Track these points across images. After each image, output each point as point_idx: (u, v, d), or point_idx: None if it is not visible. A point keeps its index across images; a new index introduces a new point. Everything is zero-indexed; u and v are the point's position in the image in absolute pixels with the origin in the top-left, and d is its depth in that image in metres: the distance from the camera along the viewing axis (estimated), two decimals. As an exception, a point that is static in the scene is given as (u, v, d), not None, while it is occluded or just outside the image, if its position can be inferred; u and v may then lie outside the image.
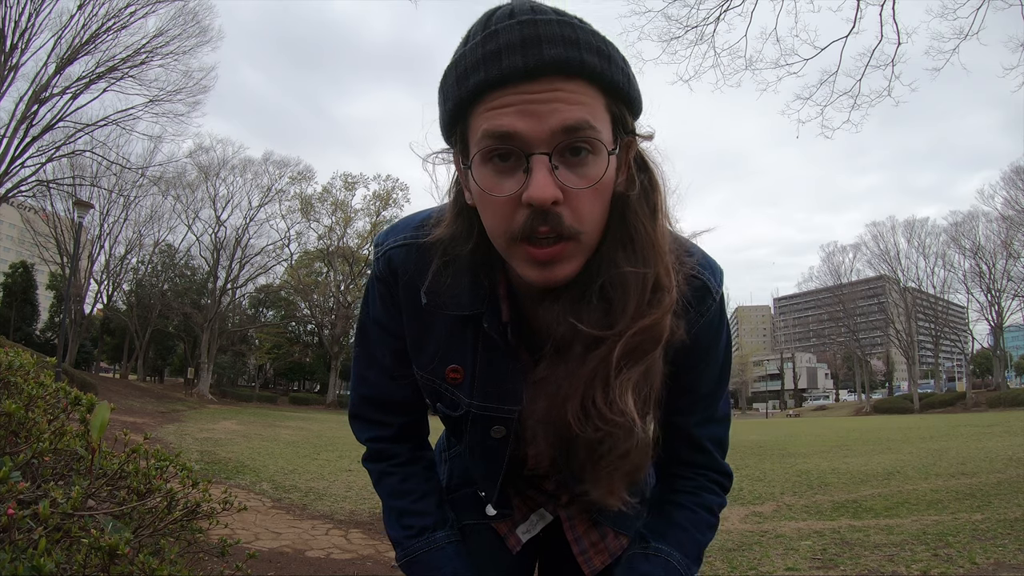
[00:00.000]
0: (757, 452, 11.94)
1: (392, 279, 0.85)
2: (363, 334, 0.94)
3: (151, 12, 21.33)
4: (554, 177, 0.62)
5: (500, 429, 0.87)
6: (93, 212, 28.04)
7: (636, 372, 0.69)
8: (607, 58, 0.64)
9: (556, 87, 0.62)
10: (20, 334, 35.22)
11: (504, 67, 0.61)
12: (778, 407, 67.78)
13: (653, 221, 0.71)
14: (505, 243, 0.68)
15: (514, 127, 0.61)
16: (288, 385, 48.82)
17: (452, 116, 0.67)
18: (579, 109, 0.62)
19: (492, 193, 0.65)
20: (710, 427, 0.89)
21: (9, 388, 1.54)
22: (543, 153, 0.62)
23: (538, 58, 0.61)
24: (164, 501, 1.32)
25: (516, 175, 0.64)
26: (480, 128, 0.64)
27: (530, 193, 0.62)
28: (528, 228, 0.64)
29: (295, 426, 17.42)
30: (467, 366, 0.84)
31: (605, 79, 0.64)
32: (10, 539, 0.87)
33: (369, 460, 0.98)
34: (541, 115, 0.61)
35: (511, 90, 0.62)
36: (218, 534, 1.72)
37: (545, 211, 0.63)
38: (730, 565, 3.90)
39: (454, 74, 0.66)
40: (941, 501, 5.82)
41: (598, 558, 0.99)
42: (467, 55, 0.64)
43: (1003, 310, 39.15)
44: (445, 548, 0.90)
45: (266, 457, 9.49)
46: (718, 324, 0.81)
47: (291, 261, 37.82)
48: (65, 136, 22.02)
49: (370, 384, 0.94)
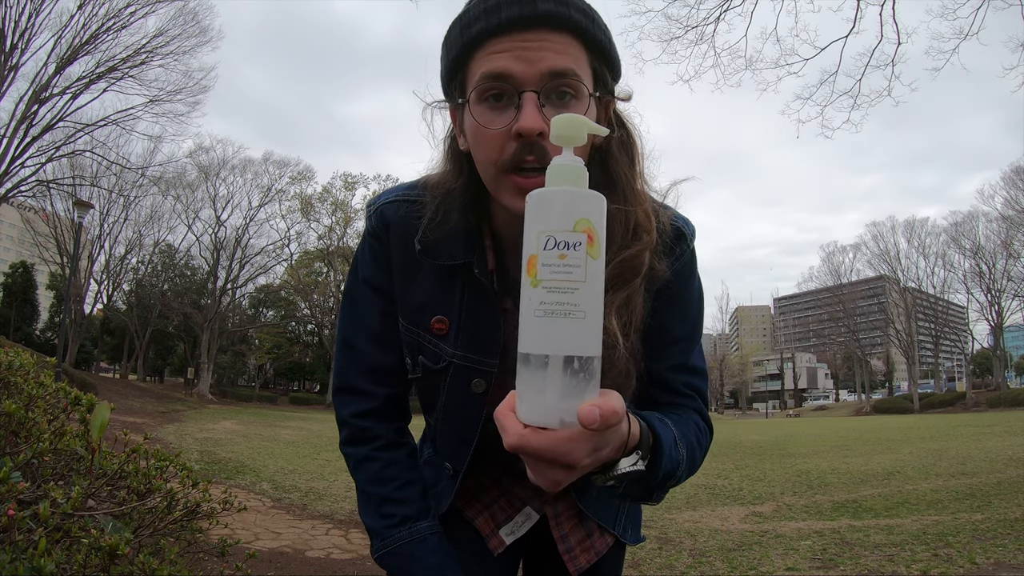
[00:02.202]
0: (757, 452, 11.94)
1: (384, 233, 0.89)
2: (351, 298, 0.95)
3: (151, 12, 21.34)
4: (541, 113, 0.70)
5: (480, 383, 0.87)
6: (93, 212, 28.03)
7: (618, 297, 0.73)
8: (591, 18, 0.73)
9: (546, 37, 0.70)
10: (20, 334, 35.24)
11: (503, 16, 0.70)
12: (778, 407, 67.75)
13: (632, 168, 0.80)
14: (494, 174, 0.75)
15: (508, 68, 0.70)
16: (288, 385, 48.80)
17: (455, 63, 0.75)
18: (566, 58, 0.71)
19: (486, 127, 0.72)
20: (686, 375, 0.89)
21: (9, 388, 1.54)
22: (532, 91, 0.70)
23: (532, 10, 0.69)
24: (164, 501, 1.32)
25: (508, 112, 0.72)
26: (479, 70, 0.72)
27: (520, 124, 0.69)
28: (516, 158, 0.71)
29: (295, 426, 17.42)
30: (452, 317, 0.87)
31: (588, 35, 0.73)
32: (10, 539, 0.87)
33: (349, 443, 0.94)
34: (532, 60, 0.70)
35: (507, 38, 0.70)
36: (218, 534, 1.72)
37: (532, 142, 0.70)
38: (730, 565, 3.90)
39: (459, 26, 0.74)
40: (941, 501, 5.82)
41: (584, 556, 0.99)
42: (471, 10, 0.73)
43: (1003, 310, 39.17)
44: (428, 539, 0.87)
45: (266, 457, 9.49)
46: (690, 269, 0.87)
47: (291, 261, 37.83)
48: (65, 136, 22.04)
49: (357, 350, 0.94)
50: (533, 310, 0.53)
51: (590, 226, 0.53)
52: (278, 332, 41.71)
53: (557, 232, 0.52)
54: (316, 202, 36.30)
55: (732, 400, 78.24)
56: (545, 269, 0.52)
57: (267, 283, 40.34)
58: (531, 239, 0.54)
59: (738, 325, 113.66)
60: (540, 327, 0.52)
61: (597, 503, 1.00)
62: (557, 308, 0.51)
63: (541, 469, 0.56)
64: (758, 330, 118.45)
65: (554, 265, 0.52)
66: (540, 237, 0.53)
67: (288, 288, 40.64)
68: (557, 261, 0.52)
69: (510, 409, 0.56)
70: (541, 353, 0.52)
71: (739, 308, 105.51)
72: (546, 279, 0.52)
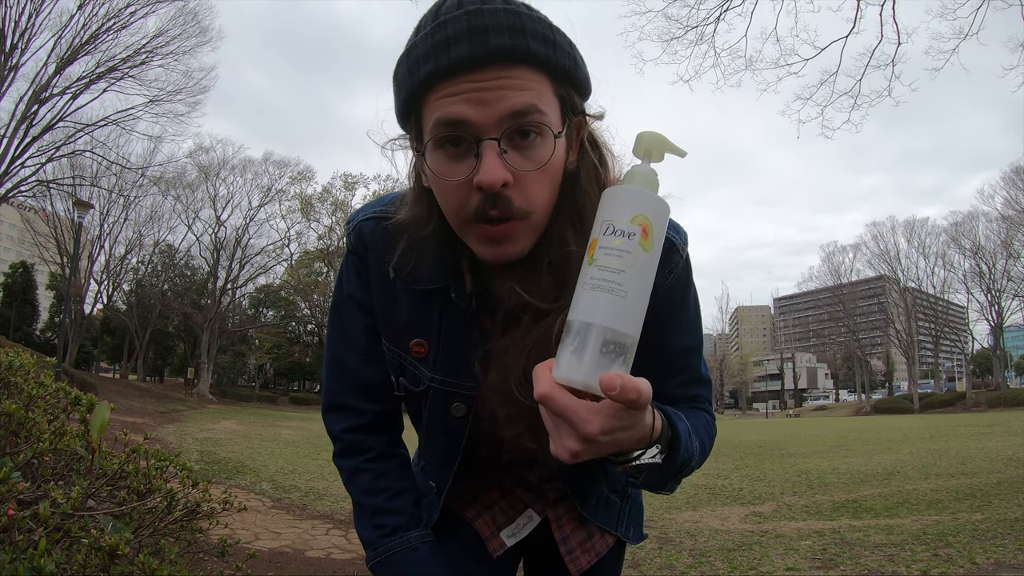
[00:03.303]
0: (757, 452, 11.94)
1: (363, 250, 0.87)
2: (337, 314, 0.93)
3: (151, 12, 21.32)
4: (503, 161, 0.65)
5: (460, 407, 0.87)
6: (93, 212, 28.00)
7: None
8: (552, 44, 0.66)
9: (502, 75, 0.64)
10: (20, 334, 35.23)
11: (452, 57, 0.63)
12: (778, 407, 67.73)
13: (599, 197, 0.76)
14: (459, 224, 0.72)
15: (463, 114, 0.64)
16: (288, 385, 48.79)
17: (406, 105, 0.70)
18: (526, 95, 0.65)
19: (445, 178, 0.68)
20: (693, 388, 0.88)
21: (9, 388, 1.54)
22: (492, 138, 0.64)
23: (485, 47, 0.63)
24: (164, 501, 1.32)
25: (467, 160, 0.66)
26: (432, 116, 0.66)
27: (480, 177, 0.64)
28: (480, 210, 0.67)
29: (295, 426, 17.41)
30: (431, 340, 0.85)
31: (551, 64, 0.66)
32: (10, 539, 0.87)
33: (341, 456, 0.94)
34: (489, 102, 0.64)
35: (460, 79, 0.64)
36: (218, 534, 1.72)
37: (495, 194, 0.66)
38: (730, 565, 3.90)
39: (406, 64, 0.68)
40: (941, 501, 5.82)
41: (584, 557, 0.99)
42: (417, 46, 0.66)
43: (1003, 310, 39.16)
44: (419, 548, 0.87)
45: (266, 457, 9.49)
46: (686, 282, 0.84)
47: (291, 261, 37.80)
48: (65, 136, 22.02)
49: (345, 367, 0.93)
50: (586, 283, 0.58)
51: (647, 222, 0.58)
52: (278, 332, 41.69)
53: (616, 221, 0.58)
54: (316, 202, 36.30)
55: (732, 400, 78.23)
56: (601, 251, 0.58)
57: (267, 283, 40.32)
58: (596, 226, 0.60)
59: (738, 325, 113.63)
60: (586, 298, 0.57)
61: (598, 510, 1.00)
62: (603, 284, 0.57)
63: (559, 433, 0.57)
64: (758, 330, 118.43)
65: (609, 248, 0.58)
66: (602, 224, 0.59)
67: (288, 288, 40.61)
68: (612, 245, 0.58)
69: (547, 367, 0.58)
70: (583, 320, 0.57)
71: (739, 308, 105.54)
72: (600, 259, 0.58)
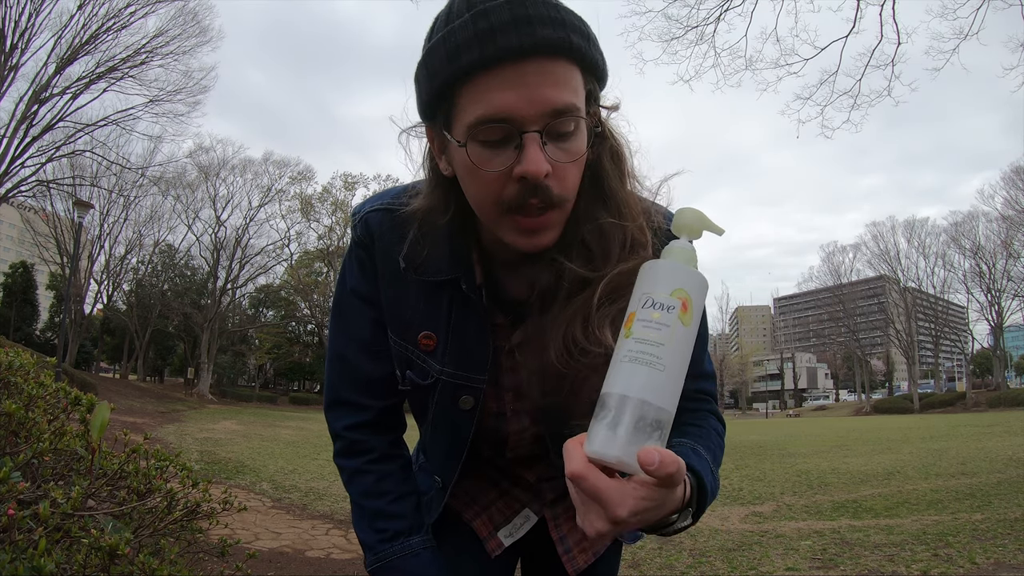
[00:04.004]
0: (757, 452, 11.94)
1: (370, 242, 0.86)
2: (339, 309, 0.92)
3: (151, 12, 21.35)
4: (544, 153, 0.66)
5: (468, 400, 0.86)
6: (93, 212, 28.01)
7: (613, 309, 0.71)
8: (587, 38, 0.67)
9: (545, 69, 0.64)
10: (20, 334, 35.23)
11: (499, 47, 0.63)
12: (778, 407, 67.72)
13: (622, 182, 0.77)
14: (494, 214, 0.71)
15: (508, 106, 0.64)
16: (288, 385, 48.80)
17: (440, 91, 0.68)
18: (567, 92, 0.66)
19: (484, 168, 0.68)
20: (698, 381, 0.87)
21: (9, 388, 1.54)
22: (535, 131, 0.65)
23: (531, 37, 0.63)
24: (164, 501, 1.32)
25: (506, 151, 0.67)
26: (472, 106, 0.66)
27: (525, 168, 0.65)
28: (519, 200, 0.68)
29: (295, 426, 17.41)
30: (440, 333, 0.85)
31: (587, 59, 0.67)
32: (10, 539, 0.87)
33: (343, 455, 0.93)
34: (533, 98, 0.64)
35: (503, 70, 0.64)
36: (218, 534, 1.72)
37: (536, 184, 0.67)
38: (730, 565, 3.90)
39: (443, 51, 0.66)
40: (941, 501, 5.82)
41: (582, 557, 0.99)
42: (457, 32, 0.65)
43: (1003, 310, 39.17)
44: (420, 554, 0.87)
45: (266, 457, 9.49)
46: None
47: (291, 261, 37.82)
48: (65, 136, 22.03)
49: (348, 363, 0.92)
50: (622, 356, 0.56)
51: (686, 296, 0.57)
52: (278, 332, 41.70)
53: (656, 295, 0.57)
54: (316, 202, 36.33)
55: (732, 400, 78.21)
56: (639, 324, 0.57)
57: (267, 283, 40.37)
58: (634, 300, 0.59)
59: (738, 325, 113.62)
60: (623, 370, 0.56)
61: None
62: (641, 356, 0.55)
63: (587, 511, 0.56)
64: (758, 330, 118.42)
65: (647, 321, 0.56)
66: (641, 297, 0.58)
67: (288, 288, 40.62)
68: (651, 318, 0.56)
69: (579, 442, 0.56)
70: (620, 392, 0.55)
71: (739, 308, 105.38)
72: (638, 332, 0.56)
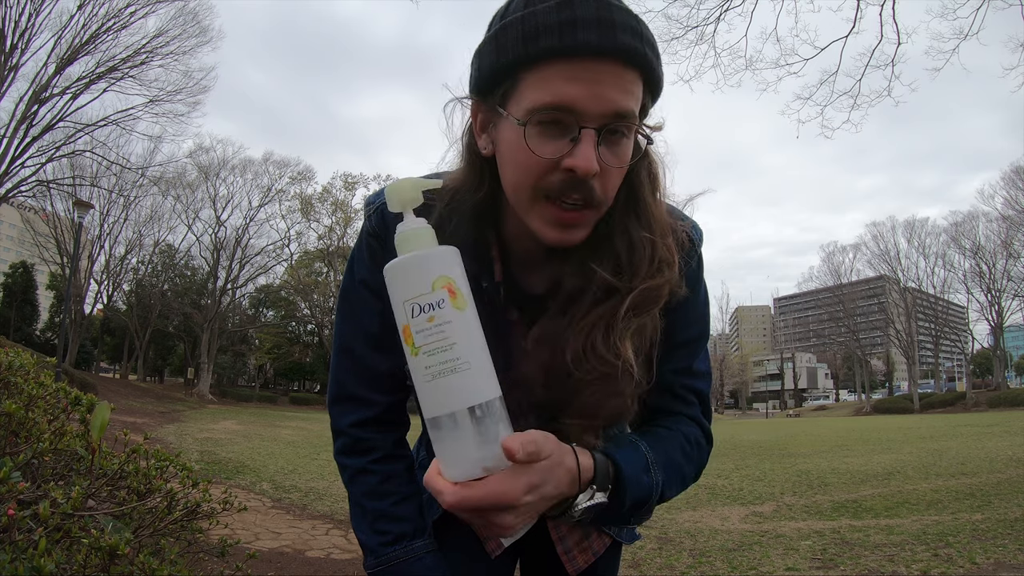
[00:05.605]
0: (757, 452, 11.94)
1: (384, 233, 0.83)
2: (347, 300, 0.90)
3: (151, 12, 21.35)
4: (597, 152, 0.66)
5: None
6: (93, 212, 27.99)
7: (634, 323, 0.73)
8: (658, 56, 0.70)
9: (618, 73, 0.65)
10: (20, 334, 35.20)
11: (579, 39, 0.63)
12: (778, 407, 67.70)
13: (654, 195, 0.78)
14: (529, 198, 0.71)
15: (576, 99, 0.65)
16: (288, 385, 48.75)
17: (506, 68, 0.68)
18: (631, 99, 0.67)
19: (535, 152, 0.67)
20: (688, 378, 0.88)
21: (9, 388, 1.54)
22: (594, 128, 0.66)
23: (612, 41, 0.64)
24: (164, 501, 1.32)
25: (561, 141, 0.67)
26: (537, 90, 0.66)
27: (576, 162, 0.66)
28: (560, 190, 0.68)
29: (295, 426, 17.41)
30: None
31: (653, 76, 0.69)
32: (10, 539, 0.87)
33: (346, 454, 0.91)
34: (602, 97, 0.65)
35: (578, 64, 0.64)
36: (218, 534, 1.72)
37: (582, 180, 0.67)
38: (730, 565, 3.90)
39: (519, 30, 0.66)
40: (941, 501, 5.82)
41: (582, 557, 0.99)
42: (539, 15, 0.65)
43: (1003, 310, 39.12)
44: (423, 558, 0.85)
45: (266, 457, 9.49)
46: (697, 276, 0.86)
47: (291, 261, 37.83)
48: (65, 136, 22.04)
49: (355, 356, 0.90)
50: (423, 377, 0.55)
51: (449, 281, 0.55)
52: (278, 332, 41.69)
53: (418, 299, 0.55)
54: (316, 202, 36.34)
55: (732, 400, 78.21)
56: (419, 336, 0.54)
57: (267, 283, 40.37)
58: (399, 310, 0.56)
59: (738, 325, 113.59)
60: (434, 390, 0.54)
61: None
62: (443, 368, 0.54)
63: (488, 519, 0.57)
64: (758, 330, 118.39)
65: (425, 330, 0.54)
66: (406, 307, 0.55)
67: (288, 288, 40.61)
68: (427, 325, 0.54)
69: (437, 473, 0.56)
70: (445, 413, 0.54)
71: (739, 308, 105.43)
72: (423, 345, 0.54)
